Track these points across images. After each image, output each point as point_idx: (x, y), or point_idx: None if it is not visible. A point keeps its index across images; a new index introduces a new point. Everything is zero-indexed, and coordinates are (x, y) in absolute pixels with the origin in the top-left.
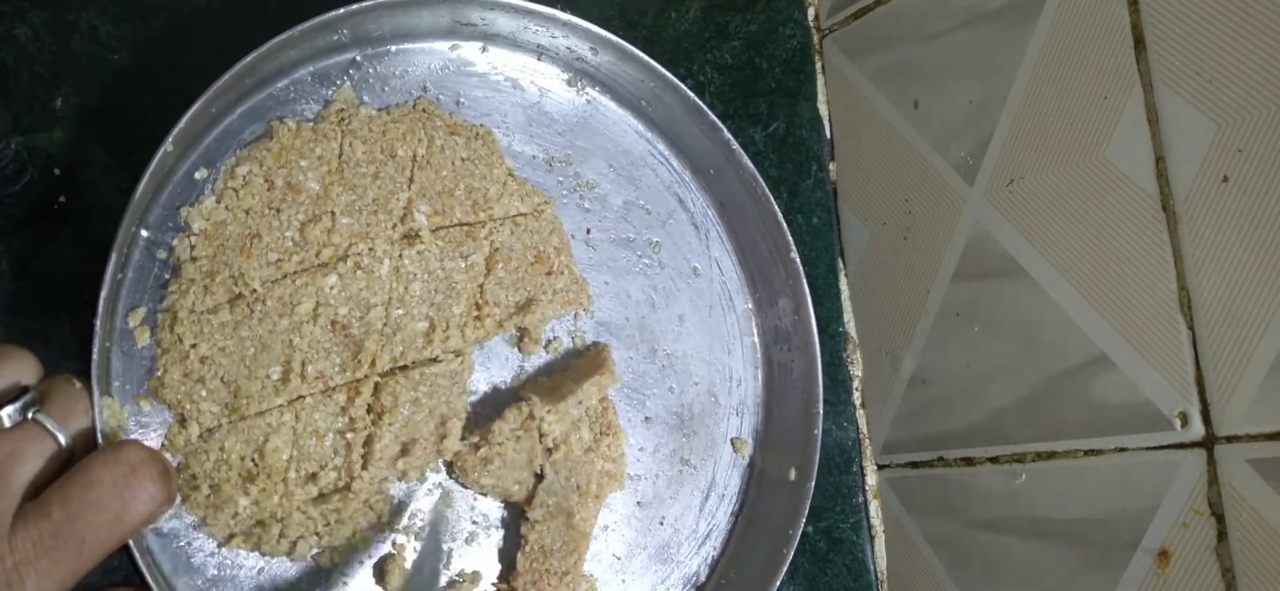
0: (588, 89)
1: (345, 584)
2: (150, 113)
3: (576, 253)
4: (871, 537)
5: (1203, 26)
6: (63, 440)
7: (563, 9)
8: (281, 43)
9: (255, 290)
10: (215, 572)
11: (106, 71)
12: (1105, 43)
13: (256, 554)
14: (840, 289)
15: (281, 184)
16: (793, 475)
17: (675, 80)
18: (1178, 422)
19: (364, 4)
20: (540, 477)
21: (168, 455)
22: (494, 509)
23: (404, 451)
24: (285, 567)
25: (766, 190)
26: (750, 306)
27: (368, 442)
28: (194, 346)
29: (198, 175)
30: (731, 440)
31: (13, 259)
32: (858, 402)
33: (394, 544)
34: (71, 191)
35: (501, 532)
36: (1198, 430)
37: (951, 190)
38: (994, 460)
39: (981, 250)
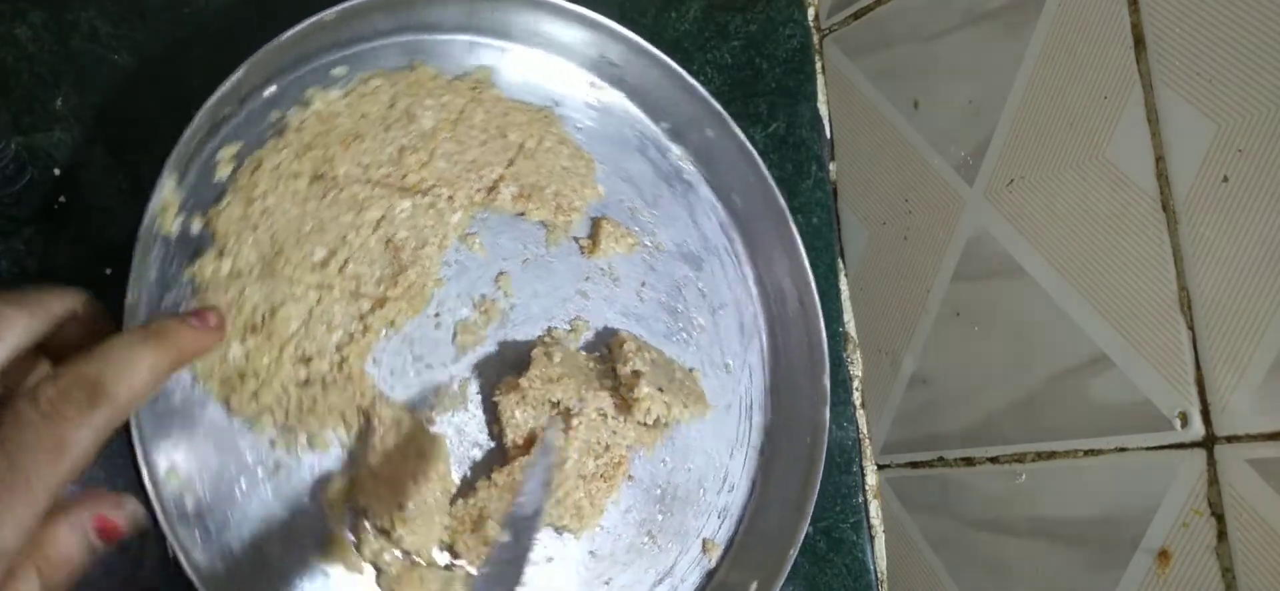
0: (691, 167)
1: (289, 474)
2: (151, 113)
3: (625, 299)
4: (871, 537)
5: (1203, 26)
6: None
7: None
8: None
9: (336, 178)
10: (179, 401)
11: (106, 71)
12: (1105, 43)
13: (222, 409)
14: (840, 289)
15: (401, 109)
16: (753, 587)
17: (773, 184)
18: (1178, 422)
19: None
20: (530, 442)
21: (190, 279)
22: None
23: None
24: (240, 438)
25: (820, 312)
26: (767, 420)
27: (362, 355)
28: (263, 195)
29: (335, 71)
30: (703, 539)
31: (12, 259)
32: (858, 402)
33: (351, 466)
34: (71, 191)
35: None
36: (1198, 430)
37: (951, 190)
38: (994, 460)
39: (981, 250)
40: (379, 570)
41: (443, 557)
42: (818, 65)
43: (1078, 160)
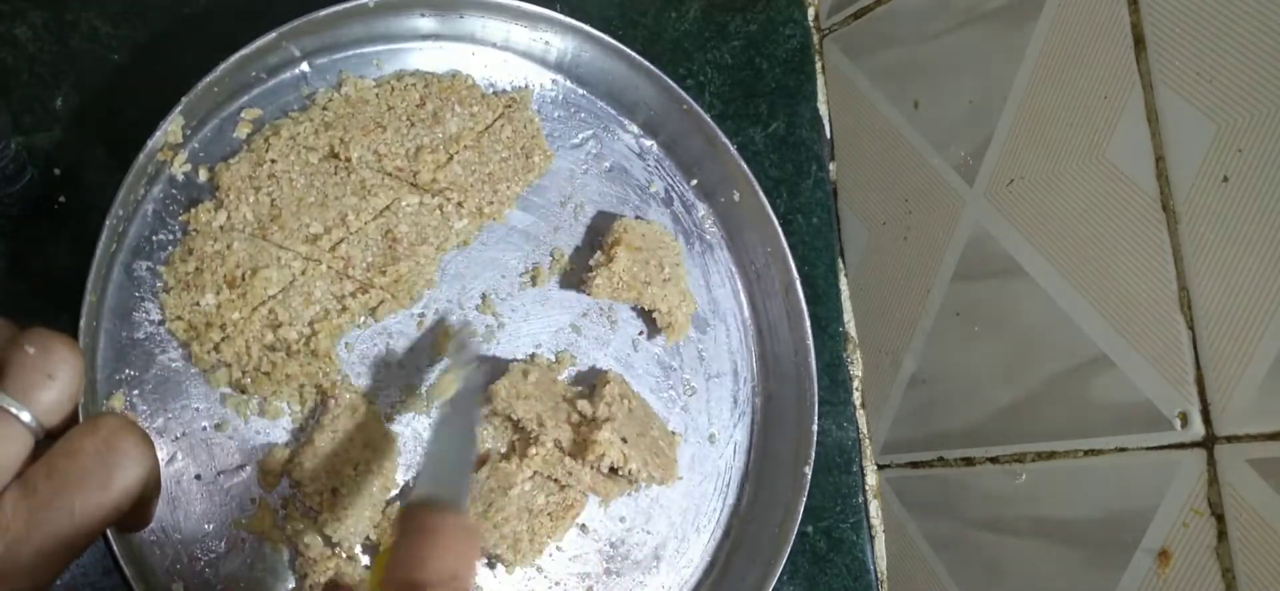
0: (716, 230)
1: (233, 431)
2: (151, 113)
3: (619, 344)
4: (871, 537)
5: (1203, 26)
6: (25, 419)
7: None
8: (515, 9)
9: (349, 160)
10: (143, 335)
11: (106, 71)
12: (1105, 43)
13: (182, 355)
14: (840, 289)
15: (429, 109)
16: None
17: (793, 265)
18: (1178, 422)
19: (593, 34)
20: (483, 460)
21: (183, 222)
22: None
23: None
24: (192, 385)
25: (815, 400)
26: (740, 503)
27: (333, 335)
28: (274, 160)
29: (374, 62)
30: None
31: (12, 258)
32: (858, 402)
33: (295, 440)
34: (71, 191)
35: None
36: (1198, 430)
37: (951, 190)
38: (994, 460)
39: (981, 250)
40: (297, 549)
41: (365, 558)
42: (818, 65)
43: (1078, 160)
